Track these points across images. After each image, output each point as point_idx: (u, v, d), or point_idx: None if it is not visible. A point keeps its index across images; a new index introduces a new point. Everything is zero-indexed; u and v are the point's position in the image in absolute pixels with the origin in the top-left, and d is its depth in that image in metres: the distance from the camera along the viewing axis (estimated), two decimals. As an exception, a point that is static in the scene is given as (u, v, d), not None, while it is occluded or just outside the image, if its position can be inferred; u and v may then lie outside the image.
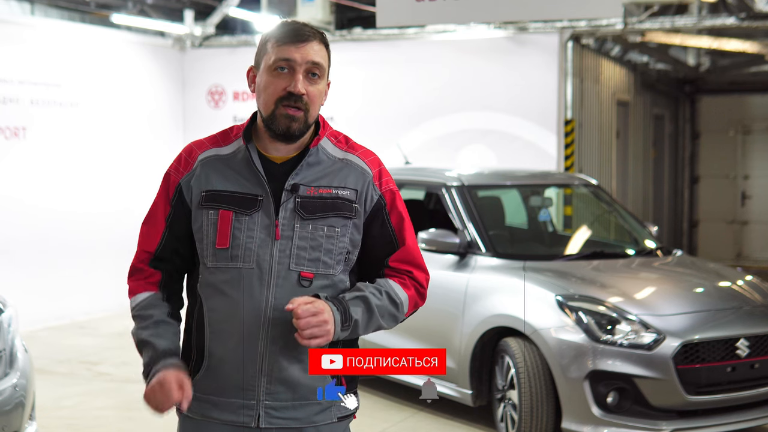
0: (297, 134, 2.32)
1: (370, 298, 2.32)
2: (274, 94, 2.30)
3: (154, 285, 2.41)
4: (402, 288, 2.40)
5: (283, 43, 2.30)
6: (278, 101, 2.30)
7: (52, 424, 5.86)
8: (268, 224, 2.31)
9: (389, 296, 2.37)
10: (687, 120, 15.16)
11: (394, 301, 2.37)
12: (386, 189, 2.42)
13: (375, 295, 2.34)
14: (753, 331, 5.29)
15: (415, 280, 2.43)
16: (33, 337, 8.24)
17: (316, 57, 2.30)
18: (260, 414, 2.32)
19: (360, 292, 2.33)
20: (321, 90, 2.34)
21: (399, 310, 2.39)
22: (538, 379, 5.22)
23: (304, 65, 2.30)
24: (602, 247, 6.46)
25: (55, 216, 9.22)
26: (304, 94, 2.29)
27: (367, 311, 2.32)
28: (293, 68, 2.29)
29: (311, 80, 2.31)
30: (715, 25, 9.40)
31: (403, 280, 2.41)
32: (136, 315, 2.41)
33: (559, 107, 9.40)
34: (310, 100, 2.31)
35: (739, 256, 14.54)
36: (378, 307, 2.34)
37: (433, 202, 7.00)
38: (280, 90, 2.30)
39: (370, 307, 2.32)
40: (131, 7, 10.92)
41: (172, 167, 2.43)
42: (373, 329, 2.36)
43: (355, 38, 10.31)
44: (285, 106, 2.30)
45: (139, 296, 2.41)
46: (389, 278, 2.41)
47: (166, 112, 10.80)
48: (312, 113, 2.33)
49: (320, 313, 2.21)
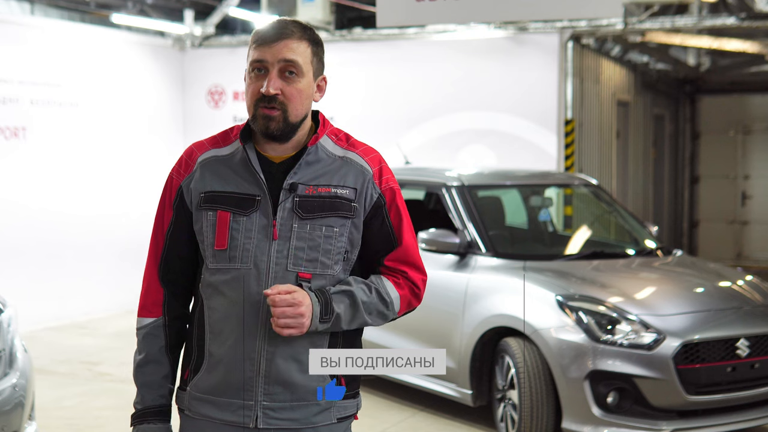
0: (277, 134, 2.31)
1: (356, 294, 2.32)
2: (253, 95, 2.31)
3: (158, 306, 2.43)
4: (394, 287, 2.39)
5: (259, 43, 2.30)
6: (256, 103, 2.30)
7: (52, 424, 5.86)
8: (265, 224, 2.31)
9: (379, 293, 2.36)
10: (687, 120, 15.16)
11: (383, 298, 2.36)
12: (386, 187, 2.41)
13: (363, 290, 2.34)
14: (753, 331, 5.29)
15: (409, 280, 2.42)
16: (33, 337, 8.24)
17: (289, 55, 2.28)
18: (258, 414, 2.31)
19: (347, 286, 2.33)
20: (301, 88, 2.31)
21: (389, 308, 2.38)
22: (538, 379, 5.22)
23: (277, 65, 2.28)
24: (602, 247, 6.46)
25: (54, 216, 9.22)
26: (278, 94, 2.28)
27: (352, 306, 2.31)
28: (267, 68, 2.29)
29: (288, 79, 2.29)
30: (715, 25, 9.40)
31: (396, 279, 2.41)
32: (138, 338, 2.46)
33: (559, 107, 9.39)
34: (286, 99, 2.29)
35: (739, 256, 14.54)
36: (364, 303, 2.33)
37: (433, 202, 7.00)
38: (257, 91, 2.30)
39: (356, 302, 2.32)
40: (131, 7, 10.93)
41: (173, 170, 2.44)
42: (358, 325, 2.36)
43: (355, 38, 10.31)
44: (262, 107, 2.29)
45: (143, 320, 2.44)
46: (383, 276, 2.40)
47: (166, 112, 10.79)
48: (292, 112, 2.31)
49: (297, 305, 2.22)
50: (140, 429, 2.40)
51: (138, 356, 2.44)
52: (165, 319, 2.42)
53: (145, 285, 2.45)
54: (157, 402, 2.41)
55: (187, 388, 2.41)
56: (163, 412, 2.42)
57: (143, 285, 2.46)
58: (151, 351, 2.42)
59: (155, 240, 2.44)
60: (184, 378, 2.44)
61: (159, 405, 2.41)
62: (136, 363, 2.43)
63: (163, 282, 2.42)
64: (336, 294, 2.30)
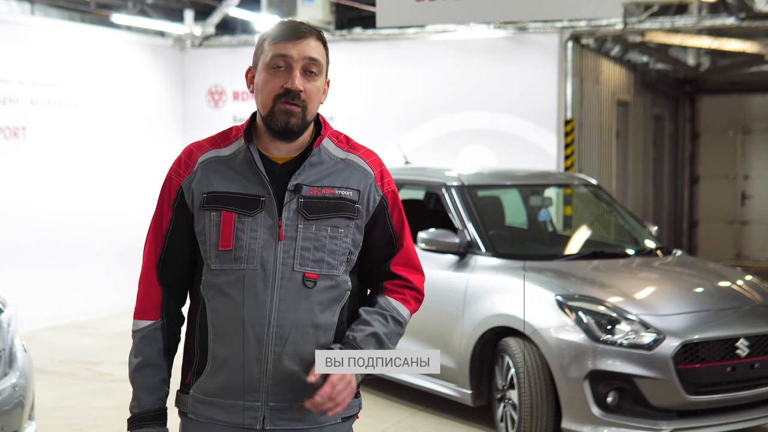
0: (296, 130, 2.31)
1: (379, 332, 2.35)
2: (272, 91, 2.30)
3: (156, 309, 2.41)
4: (403, 305, 2.42)
5: (279, 40, 2.30)
6: (276, 98, 2.29)
7: (52, 424, 5.86)
8: (271, 225, 2.30)
9: (394, 320, 2.40)
10: (687, 120, 15.16)
11: (398, 322, 2.41)
12: (388, 190, 2.42)
13: (381, 323, 2.36)
14: (753, 331, 5.29)
15: (414, 290, 2.45)
16: (33, 337, 8.24)
17: (313, 53, 2.30)
18: (265, 416, 2.31)
19: (369, 327, 2.34)
20: (319, 87, 2.33)
21: (403, 327, 2.43)
22: (538, 379, 5.22)
23: (301, 62, 2.29)
24: (602, 247, 6.46)
25: (54, 216, 9.22)
26: (302, 91, 2.28)
27: (378, 344, 2.34)
28: (290, 65, 2.29)
29: (308, 77, 2.31)
30: (715, 25, 9.40)
31: (403, 296, 2.43)
32: (134, 341, 2.44)
33: (559, 107, 9.40)
34: (307, 96, 2.30)
35: (739, 256, 14.54)
36: (386, 334, 2.36)
37: (433, 202, 7.00)
38: (278, 87, 2.29)
39: (381, 339, 2.35)
40: (131, 7, 10.93)
41: (172, 170, 2.42)
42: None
43: (355, 38, 10.31)
44: (283, 103, 2.29)
45: (140, 323, 2.43)
46: (390, 295, 2.42)
47: (166, 112, 10.80)
48: (310, 110, 2.32)
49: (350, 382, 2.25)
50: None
51: (135, 359, 2.41)
52: (163, 321, 2.41)
53: (143, 286, 2.42)
54: (156, 406, 2.40)
55: (189, 391, 2.39)
56: (161, 416, 2.41)
57: (140, 286, 2.43)
58: (149, 354, 2.40)
59: (153, 241, 2.41)
60: (186, 381, 2.42)
61: (157, 409, 2.40)
62: (133, 366, 2.41)
63: (162, 283, 2.40)
64: (363, 340, 2.32)
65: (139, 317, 2.42)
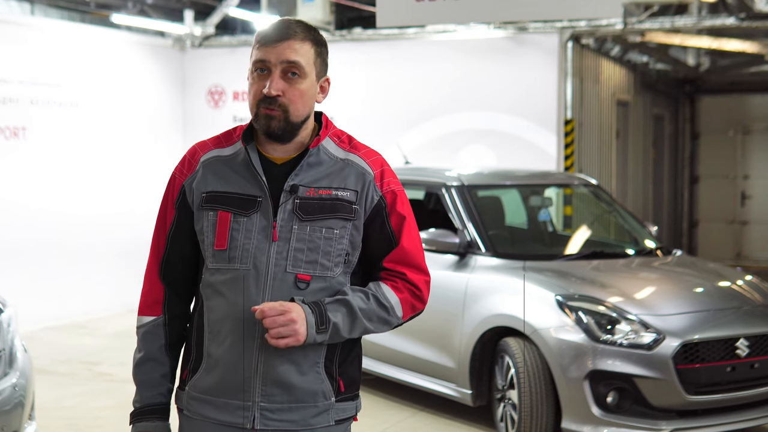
0: (279, 133, 2.31)
1: (352, 302, 2.30)
2: (256, 96, 2.31)
3: (158, 305, 2.43)
4: (393, 291, 2.37)
5: (262, 43, 2.30)
6: (259, 103, 2.30)
7: (52, 424, 5.87)
8: (265, 225, 2.31)
9: (377, 299, 2.34)
10: (687, 120, 15.16)
11: (382, 304, 2.35)
12: (388, 189, 2.40)
13: (360, 298, 2.32)
14: (753, 331, 5.29)
15: (409, 283, 2.39)
16: (33, 337, 8.24)
17: (291, 56, 2.27)
18: (256, 415, 2.31)
19: (343, 295, 2.31)
20: (303, 89, 2.30)
21: (390, 313, 2.36)
22: (538, 379, 5.22)
23: (280, 66, 2.28)
24: (602, 247, 6.46)
25: (54, 216, 9.22)
26: (279, 96, 2.28)
27: (349, 315, 2.30)
28: (269, 69, 2.29)
29: (290, 80, 2.29)
30: (715, 25, 9.40)
31: (395, 283, 2.38)
32: (137, 337, 2.46)
33: (559, 107, 9.40)
34: (288, 100, 2.29)
35: (738, 256, 14.54)
36: (362, 310, 2.31)
37: (433, 202, 7.00)
38: (259, 92, 2.30)
39: (353, 310, 2.30)
40: (131, 7, 10.93)
41: (176, 169, 2.44)
42: (360, 332, 2.34)
43: (355, 38, 10.31)
44: (264, 108, 2.29)
45: (143, 319, 2.45)
46: (382, 281, 2.39)
47: (166, 112, 10.80)
48: (293, 113, 2.30)
49: (287, 312, 2.21)
50: (139, 427, 2.40)
51: (137, 354, 2.44)
52: (165, 317, 2.43)
53: (146, 284, 2.45)
54: (156, 400, 2.41)
55: (185, 388, 2.41)
56: (162, 410, 2.42)
57: (144, 283, 2.46)
58: (150, 349, 2.42)
59: (157, 239, 2.44)
60: (182, 377, 2.44)
61: (157, 403, 2.41)
62: (136, 361, 2.44)
63: (164, 281, 2.42)
64: (331, 304, 2.29)
65: (142, 313, 2.45)
